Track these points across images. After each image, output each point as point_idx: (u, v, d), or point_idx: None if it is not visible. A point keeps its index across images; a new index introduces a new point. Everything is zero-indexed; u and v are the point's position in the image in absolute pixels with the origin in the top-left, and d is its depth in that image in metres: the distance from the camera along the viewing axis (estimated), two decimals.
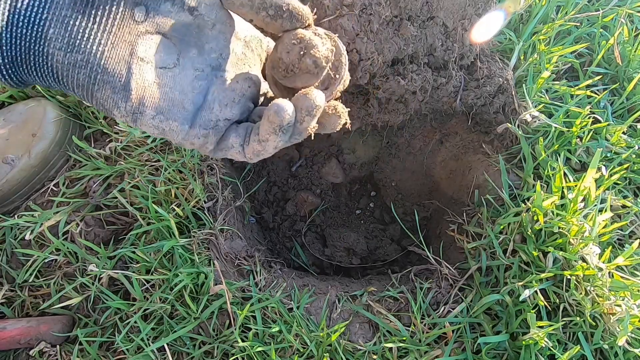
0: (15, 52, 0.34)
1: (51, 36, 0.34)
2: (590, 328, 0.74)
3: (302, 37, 0.41)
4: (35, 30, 0.34)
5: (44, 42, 0.34)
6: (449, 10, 0.79)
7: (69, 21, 0.34)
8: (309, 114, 0.39)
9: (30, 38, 0.34)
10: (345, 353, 0.76)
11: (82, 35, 0.34)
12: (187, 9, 0.38)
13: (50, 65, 0.35)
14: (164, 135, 0.40)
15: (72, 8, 0.34)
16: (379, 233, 1.18)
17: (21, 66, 0.35)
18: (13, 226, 0.90)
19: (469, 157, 1.02)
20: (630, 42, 1.09)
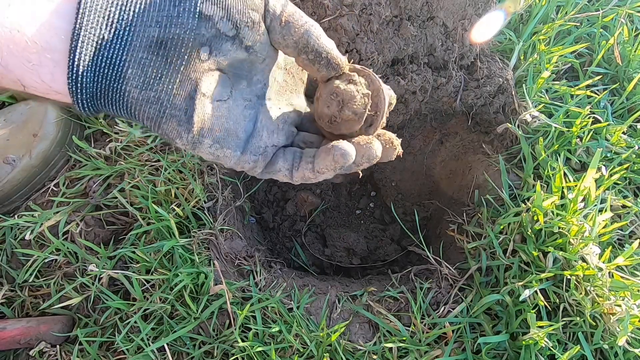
0: (95, 89, 0.39)
1: (129, 76, 0.39)
2: (590, 328, 0.74)
3: (338, 90, 0.46)
4: (116, 70, 0.39)
5: (122, 80, 0.39)
6: (449, 10, 0.79)
7: (144, 62, 0.39)
8: (368, 161, 0.45)
9: (110, 77, 0.39)
10: (345, 353, 0.76)
11: (156, 75, 0.39)
12: (244, 48, 0.42)
13: (125, 101, 0.40)
14: (218, 160, 0.45)
15: (148, 50, 0.39)
16: (379, 233, 1.18)
17: (99, 100, 0.40)
18: (13, 226, 0.90)
19: (469, 157, 1.02)
20: (630, 42, 1.09)
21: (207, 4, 0.39)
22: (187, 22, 0.39)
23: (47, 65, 0.38)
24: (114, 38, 0.38)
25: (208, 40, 0.40)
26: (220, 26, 0.40)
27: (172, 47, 0.39)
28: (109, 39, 0.38)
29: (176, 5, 0.39)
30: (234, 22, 0.41)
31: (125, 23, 0.38)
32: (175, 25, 0.39)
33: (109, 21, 0.38)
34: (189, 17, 0.39)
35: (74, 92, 0.38)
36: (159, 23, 0.39)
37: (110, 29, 0.38)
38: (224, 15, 0.40)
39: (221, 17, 0.40)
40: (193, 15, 0.39)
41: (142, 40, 0.39)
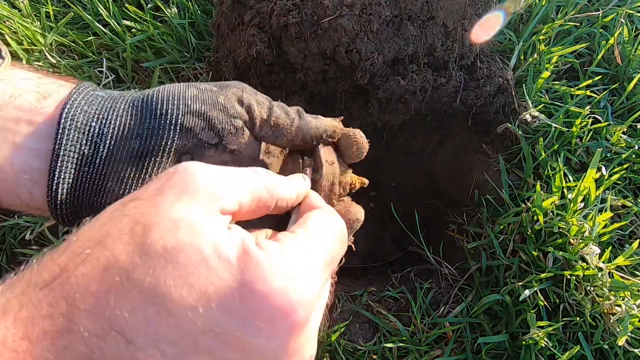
0: (76, 204, 0.39)
1: (109, 188, 0.38)
2: (590, 328, 0.74)
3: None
4: (97, 185, 0.38)
5: (102, 194, 0.38)
6: (449, 10, 0.79)
7: (125, 174, 0.38)
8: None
9: (91, 192, 0.38)
10: (345, 353, 0.76)
11: (136, 185, 0.39)
12: (228, 152, 0.42)
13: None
14: None
15: (128, 162, 0.38)
16: (379, 233, 1.18)
17: (80, 213, 0.39)
18: (13, 226, 0.90)
19: (469, 157, 1.02)
20: (630, 42, 1.09)
21: (187, 117, 0.39)
22: (167, 134, 0.39)
23: (24, 186, 0.38)
24: (94, 153, 0.38)
25: (190, 149, 0.40)
26: (202, 136, 0.40)
27: (151, 157, 0.39)
28: (89, 154, 0.38)
29: (156, 117, 0.39)
30: (216, 131, 0.40)
31: (105, 137, 0.38)
32: (156, 136, 0.39)
33: (89, 137, 0.38)
34: (170, 129, 0.39)
35: (53, 209, 0.38)
36: (140, 135, 0.38)
37: (90, 145, 0.38)
38: (205, 126, 0.40)
39: (202, 128, 0.40)
40: (174, 129, 0.39)
41: (123, 153, 0.38)
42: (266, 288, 0.26)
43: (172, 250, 0.25)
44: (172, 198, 0.28)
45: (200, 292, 0.25)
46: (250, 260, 0.27)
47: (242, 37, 0.81)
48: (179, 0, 1.04)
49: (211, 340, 0.25)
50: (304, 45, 0.76)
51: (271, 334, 0.26)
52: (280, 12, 0.75)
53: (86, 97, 0.39)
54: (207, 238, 0.26)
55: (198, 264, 0.25)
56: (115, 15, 1.00)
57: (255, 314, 0.26)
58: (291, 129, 0.44)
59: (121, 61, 1.01)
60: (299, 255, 0.29)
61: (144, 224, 0.26)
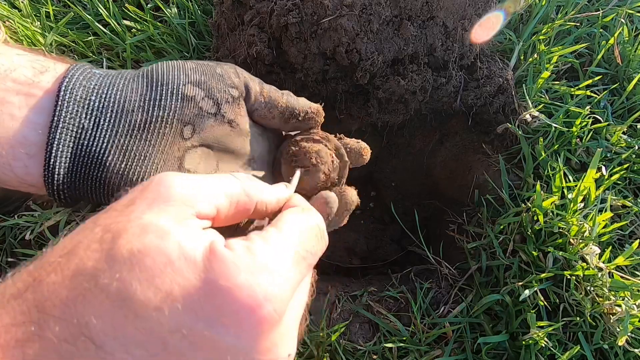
0: (74, 179, 0.38)
1: (109, 162, 0.38)
2: (590, 328, 0.74)
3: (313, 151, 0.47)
4: (96, 158, 0.38)
5: (103, 168, 0.38)
6: (449, 10, 0.79)
7: (126, 147, 0.38)
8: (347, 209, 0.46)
9: (90, 166, 0.38)
10: (345, 353, 0.76)
11: (139, 158, 0.39)
12: (226, 122, 0.43)
13: (106, 188, 0.39)
14: None
15: (130, 135, 0.38)
16: (379, 233, 1.18)
17: (77, 189, 0.39)
18: (13, 226, 0.90)
19: (469, 157, 1.02)
20: (630, 42, 1.09)
21: (188, 86, 0.40)
22: (169, 104, 0.39)
23: (20, 159, 0.37)
24: (94, 126, 0.37)
25: (191, 119, 0.40)
26: (202, 105, 0.41)
27: (154, 129, 0.39)
28: (88, 127, 0.37)
29: (157, 88, 0.39)
30: (214, 99, 0.41)
31: (106, 111, 0.38)
32: (158, 107, 0.39)
33: (88, 110, 0.37)
34: (172, 99, 0.39)
35: (50, 184, 0.37)
36: (141, 107, 0.39)
37: (90, 118, 0.37)
38: (205, 95, 0.41)
39: (202, 97, 0.41)
40: (176, 97, 0.39)
41: (125, 126, 0.38)
42: (230, 284, 0.26)
43: (138, 254, 0.25)
44: (143, 207, 0.28)
45: (166, 293, 0.25)
46: (216, 259, 0.26)
47: (242, 37, 0.81)
48: (179, 0, 1.04)
49: (179, 341, 0.25)
50: (304, 45, 0.76)
51: (238, 331, 0.26)
52: (280, 12, 0.75)
53: (84, 73, 0.39)
54: (172, 240, 0.26)
55: (164, 265, 0.25)
56: (115, 15, 1.00)
57: (220, 311, 0.25)
58: (282, 100, 0.46)
59: (121, 61, 1.01)
60: (267, 251, 0.28)
61: (113, 232, 0.26)
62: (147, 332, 0.24)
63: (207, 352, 0.25)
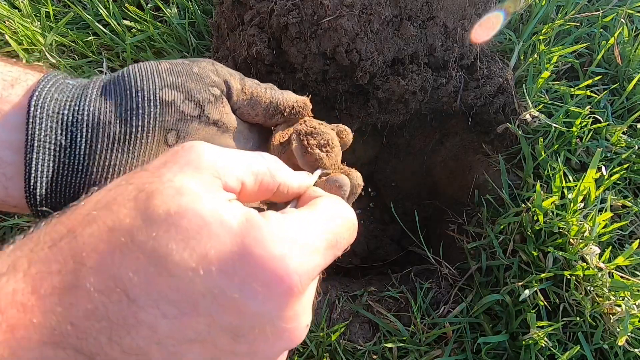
0: (58, 198, 0.37)
1: (94, 179, 0.37)
2: (590, 328, 0.74)
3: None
4: (80, 176, 0.36)
5: (87, 186, 0.37)
6: (449, 10, 0.79)
7: (110, 161, 0.37)
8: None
9: (74, 184, 0.36)
10: (345, 353, 0.76)
11: (124, 171, 0.37)
12: (212, 123, 0.41)
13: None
14: None
15: (112, 148, 0.37)
16: (379, 233, 1.18)
17: (62, 206, 0.38)
18: (13, 226, 0.90)
19: (469, 157, 1.02)
20: (630, 42, 1.09)
21: (165, 90, 0.38)
22: (148, 111, 0.37)
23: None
24: (72, 143, 0.36)
25: (173, 124, 0.39)
26: (184, 108, 0.39)
27: (136, 139, 0.37)
28: (67, 144, 0.36)
29: (133, 96, 0.37)
30: (196, 101, 0.40)
31: (81, 126, 0.36)
32: (137, 116, 0.37)
33: (63, 126, 0.35)
34: (150, 105, 0.37)
35: (32, 204, 0.36)
36: (119, 118, 0.37)
37: (66, 134, 0.36)
38: (185, 98, 0.39)
39: (183, 100, 0.39)
40: (154, 104, 0.37)
41: (104, 139, 0.36)
42: (264, 252, 0.26)
43: (174, 215, 0.26)
44: (176, 169, 0.28)
45: (201, 255, 0.25)
46: (252, 226, 0.27)
47: (242, 37, 0.81)
48: (179, 0, 1.04)
49: (210, 302, 0.25)
50: (304, 45, 0.76)
51: (267, 297, 0.26)
52: (280, 12, 0.75)
53: (55, 84, 0.37)
54: (209, 205, 0.27)
55: (199, 228, 0.26)
56: (115, 15, 1.00)
57: (253, 277, 0.26)
58: (265, 97, 0.45)
59: (121, 61, 1.01)
60: (302, 227, 0.29)
61: (147, 192, 0.27)
62: (180, 291, 0.25)
63: (235, 316, 0.26)
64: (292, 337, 0.29)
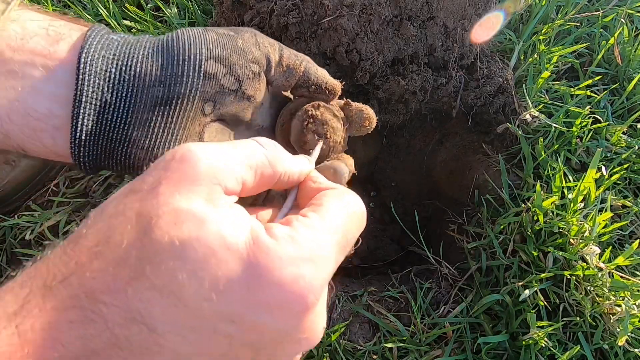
0: (99, 152, 0.39)
1: (134, 137, 0.38)
2: (590, 328, 0.74)
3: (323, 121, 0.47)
4: (121, 133, 0.38)
5: (127, 143, 0.38)
6: (449, 10, 0.79)
7: (150, 122, 0.38)
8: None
9: (115, 140, 0.38)
10: (345, 353, 0.76)
11: (162, 134, 0.39)
12: (246, 98, 0.42)
13: (131, 161, 0.40)
14: None
15: (153, 110, 0.38)
16: (379, 233, 1.18)
17: (103, 161, 0.39)
18: (13, 226, 0.90)
19: (469, 157, 1.02)
20: (630, 42, 1.09)
21: (210, 62, 0.39)
22: (192, 80, 0.39)
23: (48, 131, 0.38)
24: (117, 101, 0.38)
25: (212, 95, 0.40)
26: (224, 82, 0.40)
27: (177, 105, 0.39)
28: (112, 101, 0.37)
29: (179, 63, 0.38)
30: (236, 76, 0.41)
31: (128, 84, 0.38)
32: (180, 84, 0.38)
33: (110, 84, 0.37)
34: (194, 76, 0.39)
35: (76, 155, 0.38)
36: (163, 83, 0.38)
37: (112, 92, 0.37)
38: (227, 72, 0.40)
39: (225, 74, 0.40)
40: (198, 75, 0.39)
41: (147, 100, 0.38)
42: (276, 279, 0.26)
43: (179, 246, 0.26)
44: (171, 189, 0.28)
45: (212, 284, 0.25)
46: (260, 251, 0.27)
47: None
48: (179, 0, 1.04)
49: (228, 325, 0.26)
50: (304, 45, 0.76)
51: (284, 318, 0.27)
52: (280, 12, 0.75)
53: (101, 40, 0.38)
54: (212, 230, 0.26)
55: (207, 257, 0.26)
56: (115, 15, 1.00)
57: (267, 301, 0.26)
58: (300, 69, 0.45)
59: None
60: (310, 241, 0.29)
61: (146, 217, 0.27)
62: (197, 318, 0.26)
63: (254, 334, 0.27)
64: (310, 343, 0.30)
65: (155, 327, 0.25)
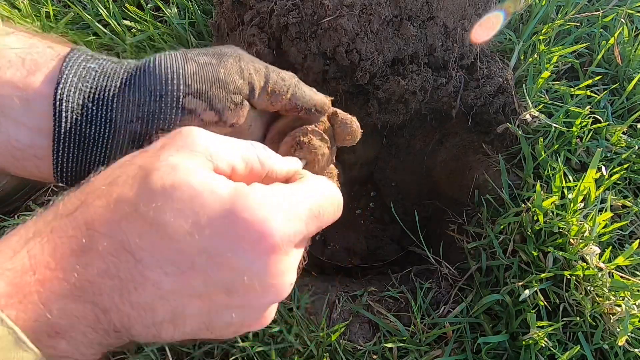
0: (82, 178, 0.39)
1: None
2: (590, 328, 0.74)
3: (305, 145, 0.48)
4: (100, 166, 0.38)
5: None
6: (449, 10, 0.79)
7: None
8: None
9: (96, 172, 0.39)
10: (345, 353, 0.76)
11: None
12: (228, 126, 0.43)
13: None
14: None
15: (130, 145, 0.40)
16: (379, 233, 1.18)
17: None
18: (13, 226, 0.90)
19: (469, 157, 1.02)
20: (630, 42, 1.09)
21: (189, 98, 0.39)
22: (169, 117, 0.39)
23: (31, 160, 0.40)
24: (96, 136, 0.39)
25: None
26: (204, 117, 0.41)
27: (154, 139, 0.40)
28: (91, 135, 0.39)
29: (156, 100, 0.39)
30: (216, 110, 0.41)
31: (105, 120, 0.39)
32: (158, 120, 0.39)
33: (87, 119, 0.38)
34: (172, 112, 0.39)
35: (60, 182, 0.41)
36: (140, 119, 0.39)
37: (90, 127, 0.39)
38: (206, 107, 0.40)
39: (204, 109, 0.40)
40: (176, 112, 0.39)
41: (125, 136, 0.39)
42: (250, 216, 0.30)
43: (169, 188, 0.29)
44: (172, 151, 0.32)
45: (195, 221, 0.29)
46: (239, 194, 0.30)
47: (242, 37, 0.81)
48: (179, 0, 1.04)
49: (205, 260, 0.29)
50: (304, 45, 0.76)
51: (254, 255, 0.30)
52: (280, 12, 0.75)
53: (78, 71, 0.39)
54: (200, 177, 0.30)
55: (192, 197, 0.29)
56: (115, 15, 1.00)
57: (241, 237, 0.30)
58: (286, 95, 0.46)
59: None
60: (285, 195, 0.33)
61: (147, 169, 0.31)
62: (179, 252, 0.29)
63: (227, 272, 0.30)
64: (278, 292, 0.32)
65: (142, 259, 0.29)
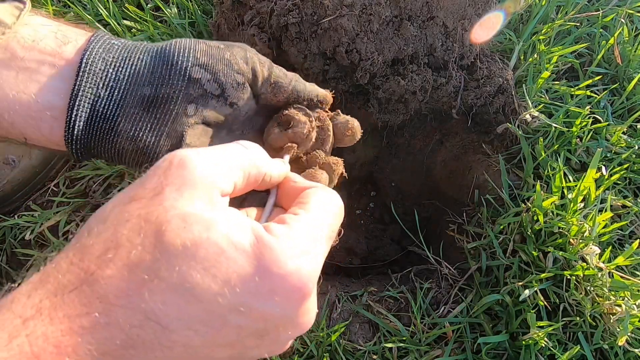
0: (89, 140, 0.43)
1: (121, 129, 0.43)
2: (590, 328, 0.74)
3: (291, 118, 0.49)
4: (109, 124, 0.43)
5: (115, 133, 0.43)
6: (449, 10, 0.79)
7: (136, 117, 0.43)
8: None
9: (104, 130, 0.43)
10: (345, 353, 0.76)
11: (146, 128, 0.43)
12: (228, 104, 0.46)
13: (117, 151, 0.44)
14: None
15: (139, 107, 0.43)
16: (379, 233, 1.18)
17: (92, 149, 0.44)
18: (13, 226, 0.90)
19: (469, 157, 1.02)
20: (630, 42, 1.09)
21: (196, 68, 0.44)
22: (177, 83, 0.43)
23: (47, 121, 0.42)
24: (109, 96, 0.42)
25: (195, 98, 0.44)
26: (207, 87, 0.44)
27: (161, 104, 0.43)
28: (104, 96, 0.42)
29: (167, 68, 0.43)
30: (219, 83, 0.45)
31: (120, 83, 0.43)
32: (166, 85, 0.43)
33: (105, 81, 0.42)
34: (179, 79, 0.43)
35: (69, 143, 0.43)
36: (151, 83, 0.43)
37: (106, 88, 0.42)
38: (210, 78, 0.44)
39: (208, 80, 0.44)
40: (183, 78, 0.43)
41: (136, 98, 0.43)
42: (281, 271, 0.30)
43: (191, 247, 0.28)
44: (174, 195, 0.30)
45: (224, 280, 0.28)
46: (264, 247, 0.30)
47: (242, 37, 0.81)
48: (179, 0, 1.04)
49: (237, 316, 0.29)
50: (304, 45, 0.76)
51: (288, 305, 0.31)
52: (280, 12, 0.75)
53: (104, 45, 0.43)
54: (220, 231, 0.29)
55: (217, 255, 0.29)
56: (115, 15, 1.00)
57: (274, 292, 0.30)
58: (288, 87, 0.49)
59: None
60: (305, 235, 0.33)
61: (154, 223, 0.29)
62: (209, 312, 0.28)
63: (261, 322, 0.30)
64: (305, 326, 0.33)
65: (169, 324, 0.27)
